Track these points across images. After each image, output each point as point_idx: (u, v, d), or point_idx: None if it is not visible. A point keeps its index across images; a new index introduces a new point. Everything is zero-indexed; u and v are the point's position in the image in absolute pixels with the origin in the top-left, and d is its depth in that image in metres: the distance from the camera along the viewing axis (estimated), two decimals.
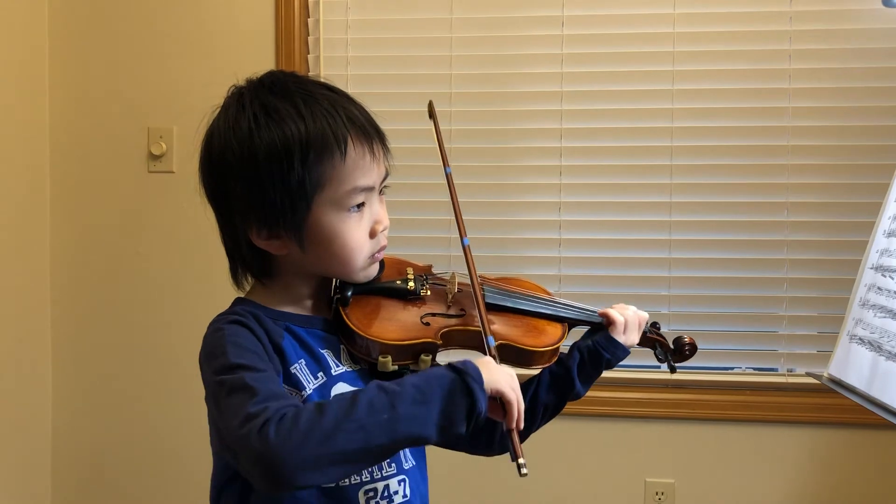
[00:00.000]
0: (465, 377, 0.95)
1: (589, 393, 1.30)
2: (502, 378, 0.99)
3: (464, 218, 1.24)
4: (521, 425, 1.00)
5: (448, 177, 1.25)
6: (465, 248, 1.18)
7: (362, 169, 1.07)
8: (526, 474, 0.96)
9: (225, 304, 1.14)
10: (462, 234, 1.19)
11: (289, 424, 0.90)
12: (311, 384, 1.07)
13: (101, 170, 2.47)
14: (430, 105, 1.29)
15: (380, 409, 0.92)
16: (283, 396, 0.96)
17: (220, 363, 1.01)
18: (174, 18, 2.44)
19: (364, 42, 2.40)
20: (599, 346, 1.25)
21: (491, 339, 1.08)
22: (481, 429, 1.23)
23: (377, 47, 2.40)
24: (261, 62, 2.35)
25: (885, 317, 1.42)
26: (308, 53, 2.41)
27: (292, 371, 1.07)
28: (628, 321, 1.28)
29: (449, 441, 1.25)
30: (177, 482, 2.43)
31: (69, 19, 2.47)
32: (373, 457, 0.96)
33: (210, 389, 1.03)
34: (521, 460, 0.97)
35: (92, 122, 2.47)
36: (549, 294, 1.30)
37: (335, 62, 2.40)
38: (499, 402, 0.98)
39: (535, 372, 1.27)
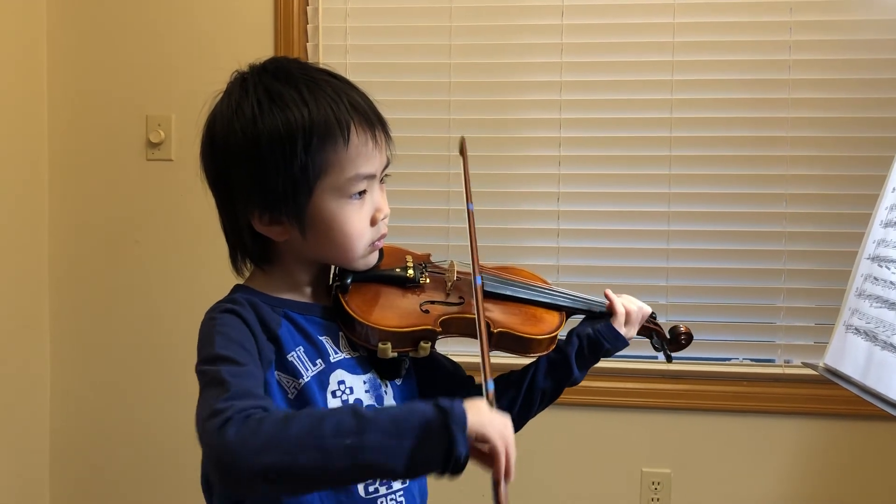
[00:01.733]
0: (447, 417, 0.88)
1: (586, 382, 1.30)
2: (491, 423, 0.91)
3: (462, 207, 1.24)
4: (511, 477, 0.92)
5: (470, 213, 1.19)
6: (476, 288, 1.10)
7: (364, 156, 1.08)
8: None
9: (223, 294, 1.14)
10: (475, 273, 1.12)
11: (252, 428, 0.88)
12: (309, 371, 1.08)
13: (100, 158, 2.47)
14: (462, 142, 1.28)
15: (346, 432, 0.87)
16: (253, 396, 0.94)
17: (206, 353, 1.01)
18: (173, 6, 2.43)
19: (363, 30, 2.40)
20: (601, 335, 1.26)
21: (490, 382, 0.98)
22: None
23: (376, 36, 2.40)
24: (260, 50, 2.33)
25: (880, 307, 1.43)
26: (307, 42, 2.41)
27: (289, 359, 1.07)
28: (632, 314, 1.28)
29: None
30: (177, 475, 2.43)
31: (67, 7, 2.46)
32: (331, 479, 0.92)
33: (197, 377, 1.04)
34: None
35: (90, 110, 2.47)
36: (546, 283, 1.31)
37: (334, 50, 2.39)
38: (487, 450, 0.91)
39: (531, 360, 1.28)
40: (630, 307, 1.29)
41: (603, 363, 1.31)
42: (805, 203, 2.26)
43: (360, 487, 1.08)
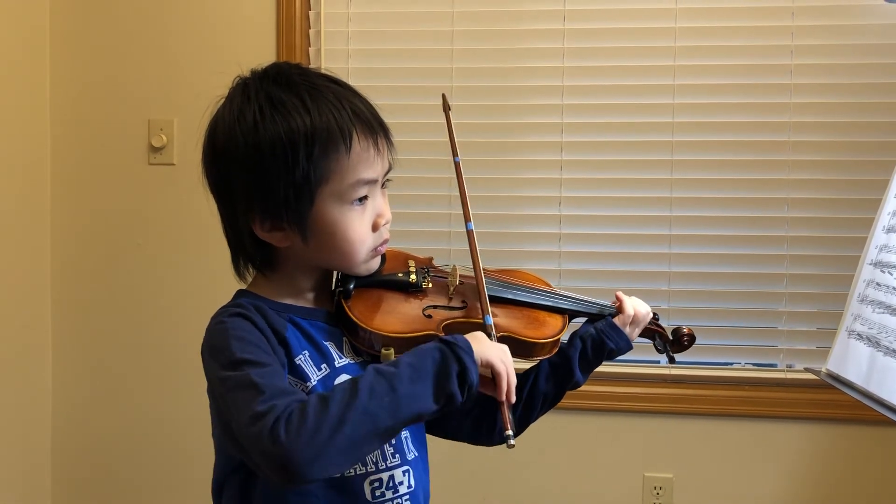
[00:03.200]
0: (454, 349, 0.98)
1: (588, 387, 1.30)
2: (492, 350, 1.02)
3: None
4: (513, 398, 1.03)
5: (457, 165, 1.25)
6: (468, 232, 1.19)
7: (366, 162, 1.08)
8: (513, 446, 1.00)
9: (226, 297, 1.14)
10: (467, 219, 1.20)
11: (297, 422, 0.91)
12: (315, 375, 1.08)
13: (102, 162, 2.47)
14: (444, 98, 1.30)
15: (381, 392, 0.94)
16: (288, 392, 0.97)
17: (224, 358, 1.01)
18: (176, 10, 2.43)
19: (365, 35, 2.40)
20: (604, 334, 1.26)
21: (489, 317, 1.10)
22: (482, 417, 1.24)
23: (378, 40, 2.40)
24: (262, 54, 2.35)
25: (883, 312, 1.42)
26: (309, 46, 2.41)
27: (297, 362, 1.07)
28: (639, 316, 1.29)
29: (449, 427, 1.25)
30: (178, 475, 2.44)
31: (70, 11, 2.46)
32: (379, 440, 0.98)
33: (215, 385, 1.04)
34: (508, 432, 1.00)
35: (93, 114, 2.47)
36: (549, 286, 1.31)
37: (336, 55, 2.40)
38: (490, 375, 1.01)
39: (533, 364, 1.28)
40: (639, 309, 1.30)
41: (605, 367, 1.31)
42: (807, 208, 2.25)
43: (367, 491, 1.08)
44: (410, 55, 2.38)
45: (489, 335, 1.07)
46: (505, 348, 1.04)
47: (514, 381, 1.03)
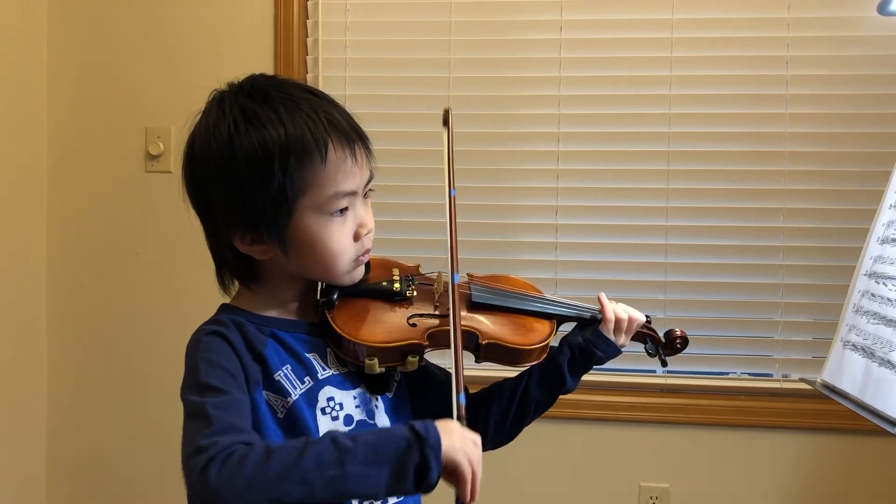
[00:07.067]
0: (423, 444, 0.92)
1: (584, 396, 1.30)
2: (462, 449, 0.95)
3: (461, 220, 1.23)
4: (476, 498, 0.97)
5: (451, 200, 1.17)
6: (453, 286, 1.11)
7: (344, 173, 1.07)
8: None
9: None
10: (453, 269, 1.12)
11: (233, 467, 0.89)
12: (297, 390, 1.07)
13: (99, 169, 2.48)
14: (446, 113, 1.23)
15: (327, 464, 0.90)
16: (237, 430, 0.95)
17: (192, 379, 1.01)
18: (173, 19, 2.44)
19: (363, 44, 2.41)
20: (591, 343, 1.25)
21: (462, 396, 1.01)
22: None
23: (376, 49, 2.40)
24: (259, 63, 2.36)
25: (878, 323, 1.42)
26: (307, 55, 2.42)
27: (276, 378, 1.06)
28: (622, 323, 1.27)
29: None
30: (171, 482, 2.43)
31: (68, 18, 2.47)
32: None
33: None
34: None
35: (90, 122, 2.48)
36: (536, 290, 1.29)
37: (334, 64, 2.40)
38: (455, 476, 0.95)
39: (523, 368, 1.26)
40: (621, 315, 1.26)
41: (601, 377, 1.31)
42: (803, 218, 2.26)
43: None
44: (408, 64, 2.38)
45: (460, 416, 0.99)
46: (477, 440, 0.97)
47: (479, 478, 0.96)
